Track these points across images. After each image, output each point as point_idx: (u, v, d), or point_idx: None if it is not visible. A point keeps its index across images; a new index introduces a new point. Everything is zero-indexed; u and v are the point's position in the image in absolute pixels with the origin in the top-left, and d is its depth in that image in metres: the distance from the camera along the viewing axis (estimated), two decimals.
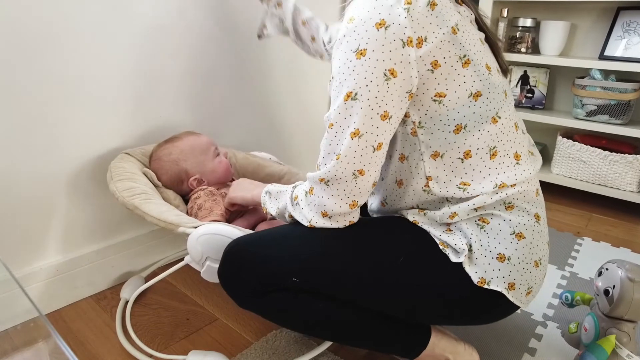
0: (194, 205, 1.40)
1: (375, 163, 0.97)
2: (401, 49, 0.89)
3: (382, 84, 0.90)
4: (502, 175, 1.00)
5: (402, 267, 1.03)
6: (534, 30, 2.60)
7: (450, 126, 0.97)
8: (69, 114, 1.39)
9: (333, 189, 0.98)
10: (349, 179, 0.96)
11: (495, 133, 0.99)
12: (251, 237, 1.09)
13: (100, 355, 1.32)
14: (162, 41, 1.56)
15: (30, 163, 1.35)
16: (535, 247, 1.03)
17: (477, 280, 1.00)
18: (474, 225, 1.02)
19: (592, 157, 2.37)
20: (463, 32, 0.95)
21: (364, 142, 0.94)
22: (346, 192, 0.98)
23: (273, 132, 2.08)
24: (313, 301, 1.05)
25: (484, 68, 0.98)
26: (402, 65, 0.90)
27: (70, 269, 1.50)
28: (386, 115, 0.93)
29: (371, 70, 0.90)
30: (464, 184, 1.01)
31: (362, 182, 0.97)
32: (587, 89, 2.33)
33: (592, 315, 1.26)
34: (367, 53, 0.89)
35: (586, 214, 2.39)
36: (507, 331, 1.45)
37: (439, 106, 0.96)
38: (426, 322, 1.17)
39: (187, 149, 1.48)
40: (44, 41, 1.30)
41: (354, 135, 0.93)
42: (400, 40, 0.89)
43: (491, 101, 0.98)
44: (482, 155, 0.99)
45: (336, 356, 1.32)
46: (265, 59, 1.93)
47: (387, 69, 0.90)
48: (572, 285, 1.72)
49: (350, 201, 0.99)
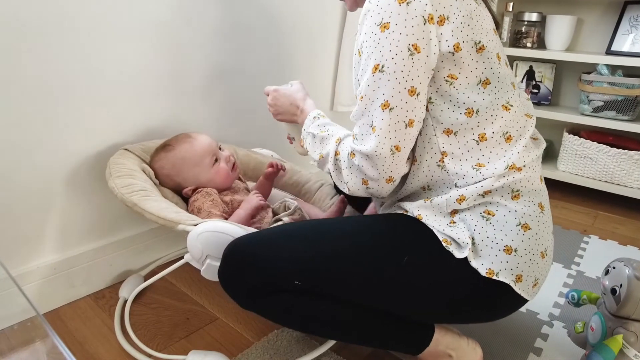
0: (193, 208, 1.39)
1: (409, 140, 1.01)
2: (422, 25, 0.92)
3: (407, 58, 0.93)
4: (514, 156, 1.02)
5: (406, 267, 1.02)
6: (540, 24, 2.60)
7: (461, 108, 0.99)
8: (67, 108, 1.39)
9: (374, 162, 1.01)
10: (387, 154, 1.00)
11: (509, 119, 1.02)
12: (252, 236, 1.08)
13: (99, 355, 1.32)
14: (163, 37, 1.56)
15: (28, 159, 1.35)
16: (540, 237, 1.04)
17: (485, 271, 1.00)
18: (478, 217, 1.02)
19: (599, 154, 2.37)
20: (479, 19, 0.97)
21: (395, 116, 0.97)
22: (384, 167, 1.02)
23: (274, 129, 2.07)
24: (315, 302, 1.04)
25: (495, 57, 1.00)
26: (424, 41, 0.93)
27: (68, 268, 1.50)
28: (413, 90, 0.96)
29: (395, 43, 0.93)
30: (479, 165, 1.02)
31: (398, 158, 1.01)
32: (594, 85, 2.33)
33: (599, 314, 1.26)
34: (390, 26, 0.93)
35: (592, 212, 2.38)
36: (513, 331, 1.45)
37: (449, 87, 0.98)
38: (431, 321, 1.17)
39: (178, 162, 1.43)
40: (42, 35, 1.29)
41: (385, 107, 0.97)
42: (421, 16, 0.92)
43: (499, 90, 1.00)
44: (497, 139, 1.01)
45: (339, 356, 1.32)
46: (266, 56, 1.93)
47: (410, 44, 0.93)
48: (578, 284, 1.72)
49: (387, 176, 1.03)
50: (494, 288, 1.02)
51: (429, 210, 1.06)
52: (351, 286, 1.03)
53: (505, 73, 1.02)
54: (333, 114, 2.32)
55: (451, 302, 1.05)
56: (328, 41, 2.19)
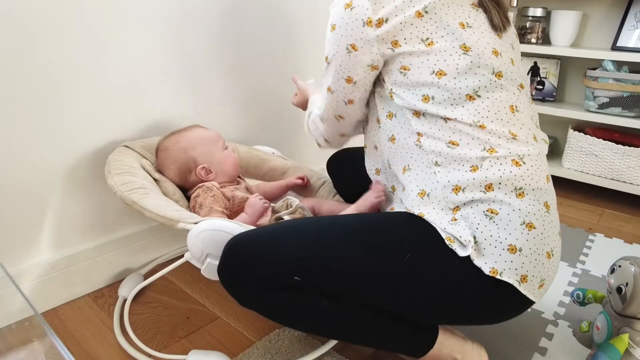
0: (195, 204, 1.39)
1: (351, 112, 1.24)
2: (361, 27, 1.07)
3: (345, 55, 1.12)
4: (493, 140, 1.04)
5: (409, 264, 1.02)
6: (545, 20, 2.59)
7: (418, 96, 1.07)
8: (66, 104, 1.39)
9: (325, 123, 1.32)
10: (332, 120, 1.29)
11: (475, 110, 1.05)
12: (252, 233, 1.08)
13: (98, 355, 1.32)
14: (164, 32, 1.55)
15: (26, 155, 1.35)
16: (546, 237, 1.03)
17: (489, 270, 1.00)
18: (482, 215, 1.01)
19: (605, 151, 2.36)
20: (436, 14, 1.05)
21: (335, 97, 1.21)
22: (332, 127, 1.31)
23: (276, 126, 2.07)
24: (316, 300, 1.04)
25: (457, 48, 1.05)
26: (361, 42, 1.08)
27: (66, 266, 1.50)
28: (350, 80, 1.15)
29: (337, 42, 1.12)
30: (452, 142, 1.05)
31: (344, 123, 1.28)
32: (599, 81, 2.32)
33: (604, 313, 1.26)
34: (336, 28, 1.11)
35: (598, 210, 2.38)
36: (517, 330, 1.45)
37: (404, 77, 1.09)
38: (434, 321, 1.17)
39: (195, 137, 1.49)
40: (41, 30, 1.29)
41: (329, 90, 1.21)
42: (360, 20, 1.06)
43: (461, 80, 1.05)
44: (468, 122, 1.05)
45: (341, 356, 1.32)
46: (268, 52, 1.93)
47: (348, 44, 1.10)
48: (583, 283, 1.72)
49: (338, 133, 1.33)
50: (498, 288, 1.01)
51: (428, 206, 1.06)
52: (353, 283, 1.03)
53: (492, 64, 1.07)
54: None
55: (454, 302, 1.04)
56: None
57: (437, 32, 1.06)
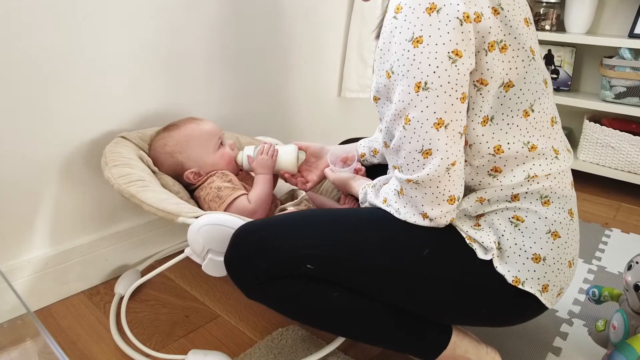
0: (210, 191, 1.37)
1: (462, 148, 0.97)
2: (459, 27, 0.89)
3: (450, 67, 0.90)
4: (536, 167, 1.01)
5: (426, 259, 1.02)
6: (559, 6, 2.57)
7: (479, 117, 0.97)
8: (59, 93, 1.38)
9: (426, 188, 0.96)
10: (442, 174, 0.94)
11: (525, 127, 0.99)
12: (261, 221, 1.09)
13: (93, 354, 1.31)
14: (162, 21, 1.54)
15: (19, 147, 1.35)
16: (569, 246, 1.04)
17: (511, 279, 1.00)
18: (507, 222, 1.02)
19: (621, 143, 2.35)
20: (508, 11, 0.94)
21: (451, 131, 0.93)
22: (439, 189, 0.96)
23: (278, 117, 2.07)
24: (326, 290, 1.04)
25: (528, 52, 0.97)
26: (464, 43, 0.90)
27: (60, 262, 1.50)
28: (464, 96, 0.93)
29: (433, 56, 0.89)
30: (495, 169, 1.01)
31: (455, 174, 0.96)
32: (616, 70, 2.31)
33: (621, 312, 1.25)
34: (424, 40, 0.89)
35: (615, 204, 2.37)
36: (530, 329, 1.44)
37: (476, 93, 0.95)
38: (447, 320, 1.16)
39: (183, 139, 1.43)
40: (35, 19, 1.28)
41: (439, 125, 0.92)
42: (456, 18, 0.88)
43: (524, 93, 0.97)
44: (519, 149, 0.99)
45: (346, 356, 1.31)
46: (270, 43, 1.92)
47: (450, 51, 0.89)
48: (599, 280, 1.71)
49: (448, 197, 0.97)
50: (517, 296, 1.01)
51: None
52: (366, 275, 1.03)
53: (539, 67, 1.00)
54: (340, 100, 2.31)
55: (471, 303, 1.05)
56: (334, 27, 2.17)
57: (513, 30, 0.95)
